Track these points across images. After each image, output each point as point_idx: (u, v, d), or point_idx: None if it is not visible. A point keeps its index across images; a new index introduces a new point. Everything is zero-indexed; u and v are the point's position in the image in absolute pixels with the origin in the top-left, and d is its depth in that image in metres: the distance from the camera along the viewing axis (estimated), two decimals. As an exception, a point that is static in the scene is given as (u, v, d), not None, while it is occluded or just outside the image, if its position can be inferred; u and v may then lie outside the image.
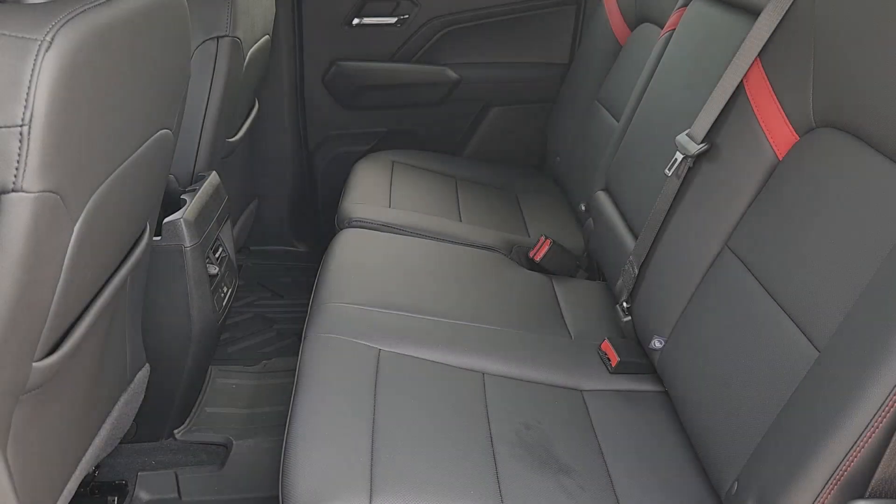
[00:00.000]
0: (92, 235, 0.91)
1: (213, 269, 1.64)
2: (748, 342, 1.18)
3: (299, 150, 2.59)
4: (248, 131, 2.15)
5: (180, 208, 1.53)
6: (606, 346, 1.51)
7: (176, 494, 1.65)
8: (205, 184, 1.65)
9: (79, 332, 1.01)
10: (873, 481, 0.85)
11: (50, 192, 0.78)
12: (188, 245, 1.50)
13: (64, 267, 0.86)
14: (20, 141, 0.73)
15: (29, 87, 0.73)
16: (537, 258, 1.86)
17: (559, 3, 2.48)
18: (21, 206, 0.75)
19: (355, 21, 2.43)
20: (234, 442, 1.73)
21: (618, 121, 2.02)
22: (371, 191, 2.11)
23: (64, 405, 1.10)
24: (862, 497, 0.85)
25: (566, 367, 1.47)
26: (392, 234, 1.88)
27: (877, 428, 0.85)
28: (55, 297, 0.88)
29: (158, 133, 1.13)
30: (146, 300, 1.45)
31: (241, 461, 1.71)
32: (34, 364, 0.91)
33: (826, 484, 0.88)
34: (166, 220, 1.49)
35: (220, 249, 1.72)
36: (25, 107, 0.73)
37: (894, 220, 0.98)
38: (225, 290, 1.72)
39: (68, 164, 0.81)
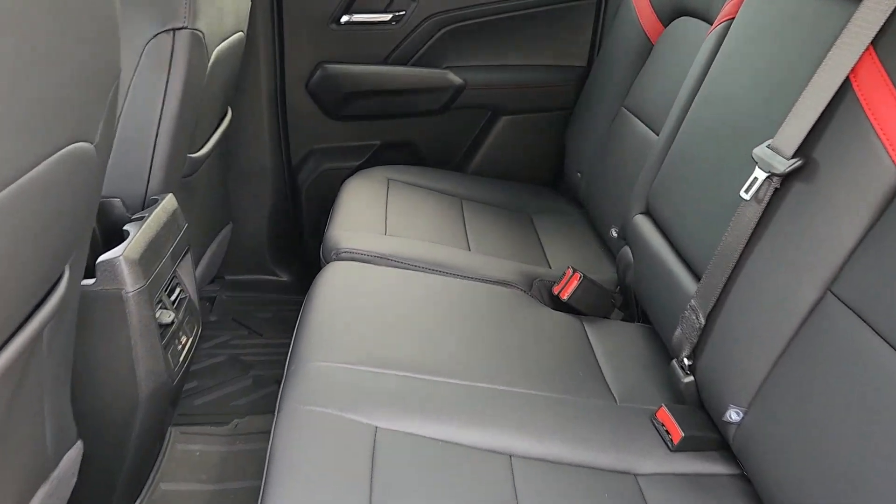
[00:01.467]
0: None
1: (168, 317, 1.32)
2: (875, 421, 0.87)
3: (280, 165, 2.27)
4: (219, 145, 1.83)
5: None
6: (664, 415, 1.19)
7: None
8: (156, 210, 1.32)
9: None
10: None
11: None
12: (130, 290, 1.18)
13: None
14: None
15: None
16: (564, 296, 1.54)
17: (577, -2, 2.18)
18: None
19: (344, 18, 2.12)
20: (194, 529, 1.40)
21: (654, 131, 1.71)
22: (363, 215, 1.79)
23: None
24: None
25: (614, 442, 1.15)
26: (389, 268, 1.56)
27: None
28: None
29: (69, 148, 0.81)
30: (78, 361, 1.13)
31: (204, 554, 1.38)
32: None
33: None
34: (101, 258, 1.16)
35: (178, 290, 1.40)
36: None
37: None
38: (183, 340, 1.39)
39: None
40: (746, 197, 1.11)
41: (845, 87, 1.03)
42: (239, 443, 1.63)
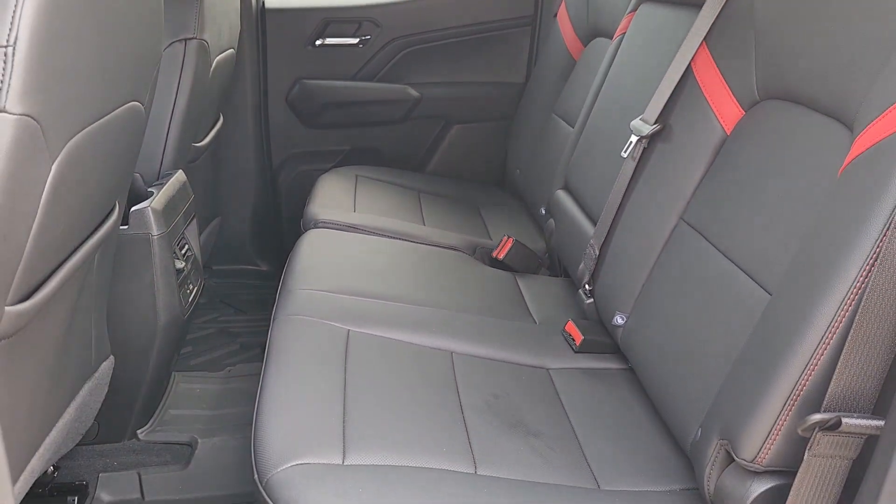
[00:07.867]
0: (66, 183, 0.91)
1: (180, 264, 1.65)
2: (705, 300, 1.23)
3: (263, 167, 2.62)
4: (213, 143, 2.18)
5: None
6: (570, 326, 1.54)
7: (139, 495, 1.61)
8: (172, 179, 1.66)
9: (49, 287, 0.99)
10: (827, 397, 0.89)
11: (31, 117, 0.78)
12: (156, 234, 1.51)
13: (41, 204, 0.87)
14: (4, 62, 0.75)
15: (15, 9, 0.75)
16: (500, 256, 1.90)
17: (515, 25, 2.59)
18: (2, 126, 0.76)
19: (318, 41, 2.50)
20: (199, 441, 1.70)
21: (573, 127, 2.10)
22: (336, 198, 2.15)
23: (30, 371, 1.09)
24: (817, 412, 0.89)
25: (532, 347, 1.50)
26: (358, 235, 1.91)
27: (827, 345, 0.90)
28: (30, 237, 0.88)
29: (130, 104, 1.15)
30: (112, 291, 1.45)
31: (207, 459, 1.68)
32: (7, 308, 0.90)
33: (784, 405, 0.92)
34: (134, 208, 1.50)
35: (186, 247, 1.73)
36: (11, 28, 0.75)
37: (827, 168, 1.05)
38: (191, 287, 1.72)
39: (49, 93, 0.82)
40: (625, 156, 1.49)
41: (688, 73, 1.42)
42: (232, 382, 1.95)
